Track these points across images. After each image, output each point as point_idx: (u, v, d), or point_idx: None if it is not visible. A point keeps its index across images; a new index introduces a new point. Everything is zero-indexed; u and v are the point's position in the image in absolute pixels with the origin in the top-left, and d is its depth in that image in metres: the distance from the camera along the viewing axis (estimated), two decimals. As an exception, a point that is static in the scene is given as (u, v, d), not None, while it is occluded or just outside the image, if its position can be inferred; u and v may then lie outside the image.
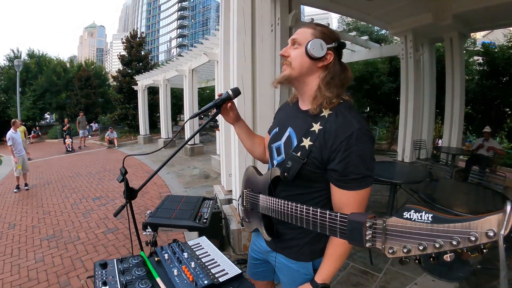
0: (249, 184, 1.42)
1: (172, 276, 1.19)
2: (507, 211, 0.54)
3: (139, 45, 19.40)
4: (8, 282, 3.06)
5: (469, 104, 8.63)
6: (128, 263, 1.29)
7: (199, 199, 2.16)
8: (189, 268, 1.24)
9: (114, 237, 4.00)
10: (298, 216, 1.00)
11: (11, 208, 5.54)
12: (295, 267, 1.24)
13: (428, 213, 0.64)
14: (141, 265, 1.27)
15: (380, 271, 2.88)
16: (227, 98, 1.34)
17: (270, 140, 1.32)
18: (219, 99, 1.34)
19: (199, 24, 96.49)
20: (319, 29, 1.11)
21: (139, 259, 1.32)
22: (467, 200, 3.16)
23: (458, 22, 5.95)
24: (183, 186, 6.45)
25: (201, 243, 1.53)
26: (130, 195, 1.45)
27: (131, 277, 1.18)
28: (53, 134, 20.52)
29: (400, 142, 7.18)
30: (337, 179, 1.03)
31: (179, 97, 17.66)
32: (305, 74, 1.12)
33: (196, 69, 9.84)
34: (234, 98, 1.36)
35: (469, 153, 6.34)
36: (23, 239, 4.11)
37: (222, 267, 1.29)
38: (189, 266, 1.25)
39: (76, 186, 6.91)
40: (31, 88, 22.47)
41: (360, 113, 1.16)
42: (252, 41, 3.23)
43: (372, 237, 0.74)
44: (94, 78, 24.19)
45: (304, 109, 1.17)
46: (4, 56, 24.48)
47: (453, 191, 3.52)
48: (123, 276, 1.18)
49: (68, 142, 13.14)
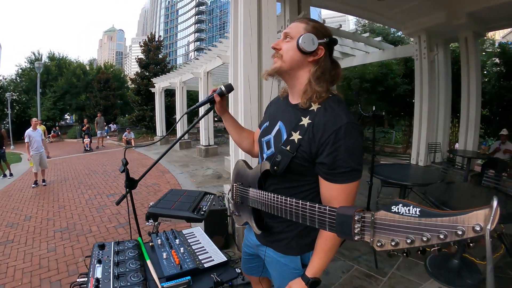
0: (239, 177, 1.43)
1: (161, 258, 1.26)
2: (493, 206, 0.56)
3: (157, 49, 19.80)
4: (20, 269, 3.21)
5: (486, 106, 8.41)
6: (124, 245, 1.38)
7: (200, 193, 2.24)
8: (178, 252, 1.31)
9: (125, 231, 4.11)
10: (287, 210, 1.02)
11: (28, 202, 5.76)
12: (283, 261, 1.25)
13: (416, 207, 0.65)
14: (135, 248, 1.35)
15: (385, 275, 2.80)
16: (221, 94, 1.39)
17: (260, 134, 1.33)
18: (212, 94, 1.39)
19: (216, 27, 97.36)
20: (312, 24, 1.13)
21: (135, 243, 1.40)
22: (478, 204, 3.03)
23: (472, 21, 5.77)
24: (195, 185, 6.54)
25: (195, 233, 1.60)
26: (130, 184, 1.52)
27: (124, 258, 1.26)
28: (72, 134, 21.17)
29: (415, 145, 7.03)
30: (326, 172, 1.04)
31: (196, 99, 17.86)
32: (296, 68, 1.13)
33: (211, 72, 9.94)
34: (227, 94, 1.40)
35: (485, 156, 6.16)
36: (38, 230, 4.28)
37: (210, 254, 1.35)
38: (178, 251, 1.33)
39: (92, 183, 7.12)
40: (51, 89, 23.32)
41: (348, 107, 1.18)
42: (258, 42, 3.29)
43: (360, 230, 0.75)
44: (113, 80, 24.80)
45: (294, 103, 1.19)
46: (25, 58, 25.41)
47: (465, 194, 3.38)
48: (117, 256, 1.26)
49: (87, 142, 13.50)
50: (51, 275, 3.07)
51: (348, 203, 1.03)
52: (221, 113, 1.49)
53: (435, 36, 6.63)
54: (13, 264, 3.32)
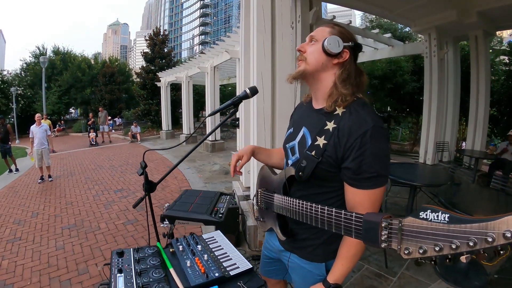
0: (263, 183, 1.42)
1: (184, 267, 1.22)
2: None
3: (162, 43, 19.69)
4: (29, 268, 3.18)
5: (494, 106, 8.33)
6: (144, 252, 1.33)
7: (216, 194, 2.20)
8: (202, 260, 1.27)
9: (133, 228, 4.10)
10: (313, 216, 1.00)
11: (34, 198, 5.75)
12: (308, 268, 1.23)
13: (445, 213, 0.63)
14: (156, 255, 1.30)
15: (395, 275, 2.82)
16: (245, 97, 1.35)
17: (285, 140, 1.32)
18: (237, 97, 1.35)
19: (221, 21, 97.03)
20: (337, 28, 1.12)
21: (155, 249, 1.35)
22: (487, 207, 3.02)
23: (483, 20, 5.74)
24: (203, 181, 6.52)
25: (216, 237, 1.55)
26: (149, 187, 1.49)
27: (145, 266, 1.22)
28: (77, 128, 21.24)
29: (423, 144, 6.98)
30: (351, 178, 1.02)
31: (202, 94, 17.85)
32: (320, 70, 1.12)
33: (218, 66, 9.90)
34: (251, 97, 1.36)
35: (493, 157, 6.11)
36: (45, 227, 4.26)
37: (234, 261, 1.30)
38: (202, 258, 1.28)
39: (98, 178, 7.12)
40: (56, 83, 23.35)
41: (374, 110, 1.15)
42: (272, 38, 3.22)
43: (387, 237, 0.73)
44: (118, 74, 24.81)
45: (318, 107, 1.17)
46: (30, 53, 25.41)
47: (474, 196, 3.40)
48: (138, 265, 1.22)
49: (92, 136, 13.53)
50: (60, 274, 3.05)
51: (373, 209, 1.01)
52: (251, 156, 1.48)
53: (445, 34, 6.55)
54: (21, 263, 3.30)
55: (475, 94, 6.55)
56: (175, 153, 10.03)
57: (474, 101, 6.62)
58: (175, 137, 14.78)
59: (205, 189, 5.89)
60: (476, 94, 6.54)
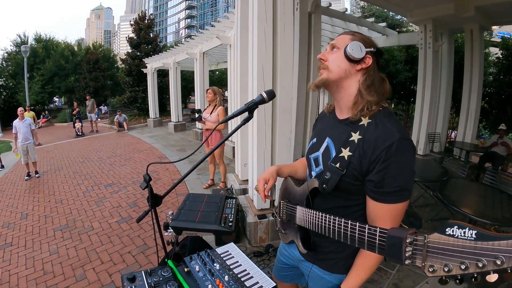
0: (286, 194, 1.40)
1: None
2: None
3: (148, 27, 19.08)
4: (24, 276, 3.03)
5: (484, 99, 8.44)
6: (158, 276, 1.22)
7: (221, 199, 2.10)
8: (223, 281, 1.19)
9: (128, 226, 3.96)
10: (336, 230, 0.97)
11: (22, 197, 5.53)
12: (328, 278, 1.23)
13: (472, 230, 0.60)
14: (171, 279, 1.20)
15: (394, 268, 2.87)
16: (261, 102, 1.26)
17: (308, 151, 1.29)
18: (252, 102, 1.26)
19: (208, 4, 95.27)
20: (358, 35, 1.11)
21: (169, 272, 1.24)
22: (481, 203, 3.11)
23: (480, 14, 5.74)
24: (196, 172, 6.33)
25: (230, 251, 1.46)
26: (154, 202, 1.37)
27: (163, 294, 1.10)
28: (62, 117, 20.64)
29: (415, 134, 7.04)
30: (372, 191, 1.00)
31: (189, 80, 17.54)
32: (344, 77, 1.08)
33: (207, 52, 9.68)
34: (268, 102, 1.27)
35: (483, 150, 6.25)
36: (36, 229, 4.08)
37: (256, 279, 1.23)
38: (223, 279, 1.20)
39: (87, 172, 6.90)
40: (39, 72, 22.45)
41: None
42: (273, 29, 3.07)
43: (412, 254, 0.70)
44: (103, 61, 23.98)
45: (342, 118, 1.14)
46: (11, 41, 24.38)
47: (468, 192, 3.49)
48: (155, 293, 1.11)
49: (78, 126, 13.14)
50: (57, 281, 2.90)
51: (394, 224, 1.00)
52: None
53: (441, 26, 6.54)
54: (15, 271, 3.13)
55: (468, 87, 6.64)
56: (164, 142, 9.86)
57: (466, 93, 6.70)
58: (163, 125, 14.47)
59: (198, 180, 5.81)
60: (468, 87, 6.63)
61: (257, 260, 3.01)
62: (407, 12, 6.49)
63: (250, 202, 3.64)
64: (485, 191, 3.40)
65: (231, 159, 7.03)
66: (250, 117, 1.28)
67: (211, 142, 4.67)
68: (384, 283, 2.68)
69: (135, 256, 3.26)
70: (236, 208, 2.02)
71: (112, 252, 3.38)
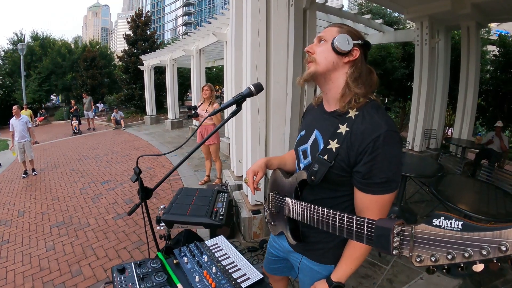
0: (275, 186, 1.40)
1: (193, 282, 1.15)
2: None
3: (145, 25, 19.01)
4: (20, 273, 3.05)
5: (481, 95, 8.47)
6: (147, 267, 1.24)
7: (213, 193, 2.11)
8: (210, 273, 1.20)
9: (124, 223, 3.98)
10: (324, 221, 0.97)
11: (19, 195, 5.54)
12: (317, 269, 1.24)
13: (458, 221, 0.61)
14: (160, 270, 1.22)
15: (388, 263, 2.90)
16: (249, 95, 1.27)
17: (296, 143, 1.30)
18: (240, 95, 1.27)
19: (205, 1, 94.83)
20: (346, 27, 1.11)
21: (158, 263, 1.26)
22: (476, 199, 3.11)
23: (477, 12, 5.75)
24: (192, 169, 6.36)
25: (219, 243, 1.48)
26: (145, 195, 1.40)
27: (151, 284, 1.13)
28: (59, 115, 20.64)
29: (411, 131, 7.02)
30: (360, 182, 1.01)
31: (186, 77, 17.49)
32: (331, 70, 1.09)
33: (203, 49, 9.67)
34: (256, 94, 1.29)
35: (480, 147, 6.25)
36: (33, 226, 4.10)
37: (243, 271, 1.25)
38: (210, 270, 1.21)
39: (84, 169, 6.89)
40: (36, 70, 22.33)
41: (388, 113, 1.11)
42: (267, 24, 3.08)
43: (399, 244, 0.71)
44: (100, 58, 23.85)
45: (330, 110, 1.15)
46: (7, 40, 24.23)
47: (464, 188, 3.50)
48: (143, 283, 1.13)
49: (75, 124, 13.10)
50: (53, 277, 2.93)
51: (381, 214, 1.01)
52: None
53: (438, 23, 6.52)
54: (12, 268, 3.16)
55: (464, 84, 6.64)
56: (160, 139, 9.85)
57: (463, 90, 6.72)
58: (160, 122, 14.43)
59: (194, 177, 5.83)
60: (465, 84, 6.64)
61: (251, 256, 3.03)
62: (403, 9, 6.47)
63: (245, 197, 3.66)
64: (480, 187, 3.40)
65: (227, 156, 7.04)
66: (238, 109, 1.29)
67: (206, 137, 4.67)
68: (378, 279, 2.70)
69: (130, 252, 3.29)
70: (228, 202, 2.01)
71: (108, 248, 3.40)
